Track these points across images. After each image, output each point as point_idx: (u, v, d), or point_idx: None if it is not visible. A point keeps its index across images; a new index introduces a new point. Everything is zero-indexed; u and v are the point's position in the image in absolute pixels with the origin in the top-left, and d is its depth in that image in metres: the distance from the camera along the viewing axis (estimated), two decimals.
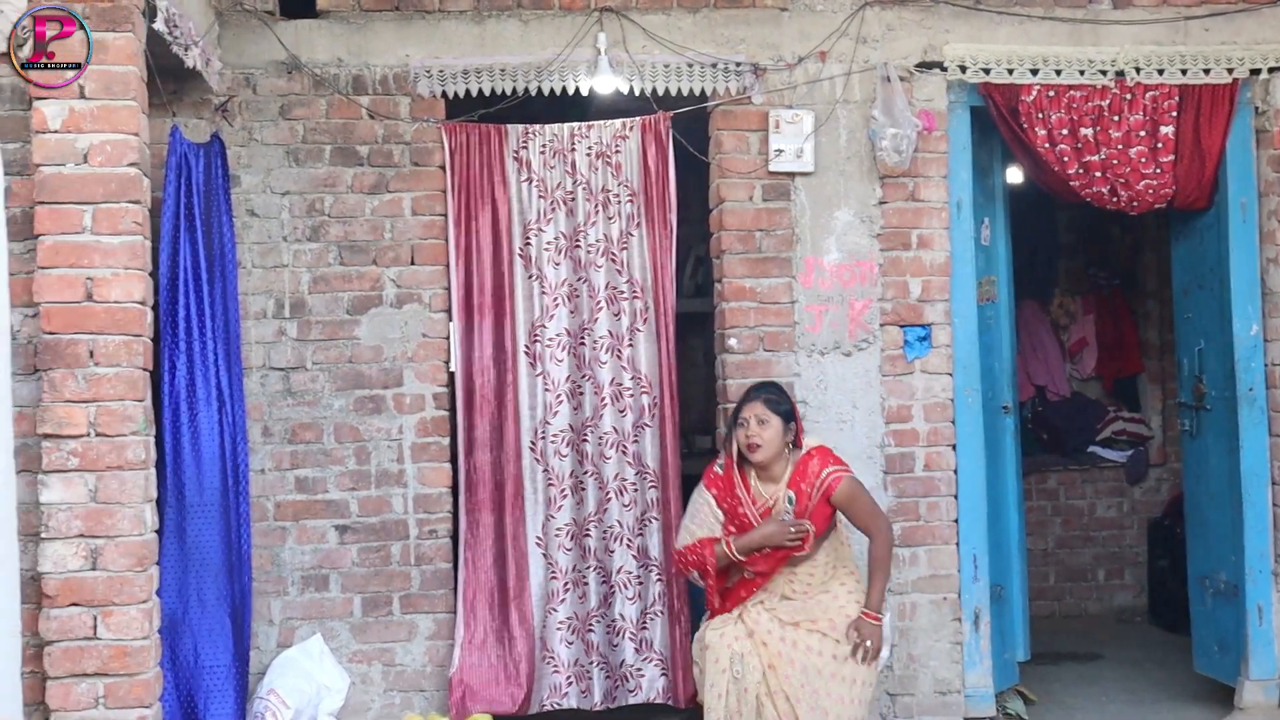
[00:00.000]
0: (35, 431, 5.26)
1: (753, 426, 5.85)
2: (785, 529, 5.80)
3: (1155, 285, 10.51)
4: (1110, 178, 6.90)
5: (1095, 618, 10.12)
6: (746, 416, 5.87)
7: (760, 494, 5.91)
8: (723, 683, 5.81)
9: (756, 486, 5.93)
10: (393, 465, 6.75)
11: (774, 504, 5.87)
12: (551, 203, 6.91)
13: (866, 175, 6.88)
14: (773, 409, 5.86)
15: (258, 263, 6.70)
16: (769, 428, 5.84)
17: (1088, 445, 10.40)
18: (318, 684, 6.47)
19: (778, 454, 5.87)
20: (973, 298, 7.04)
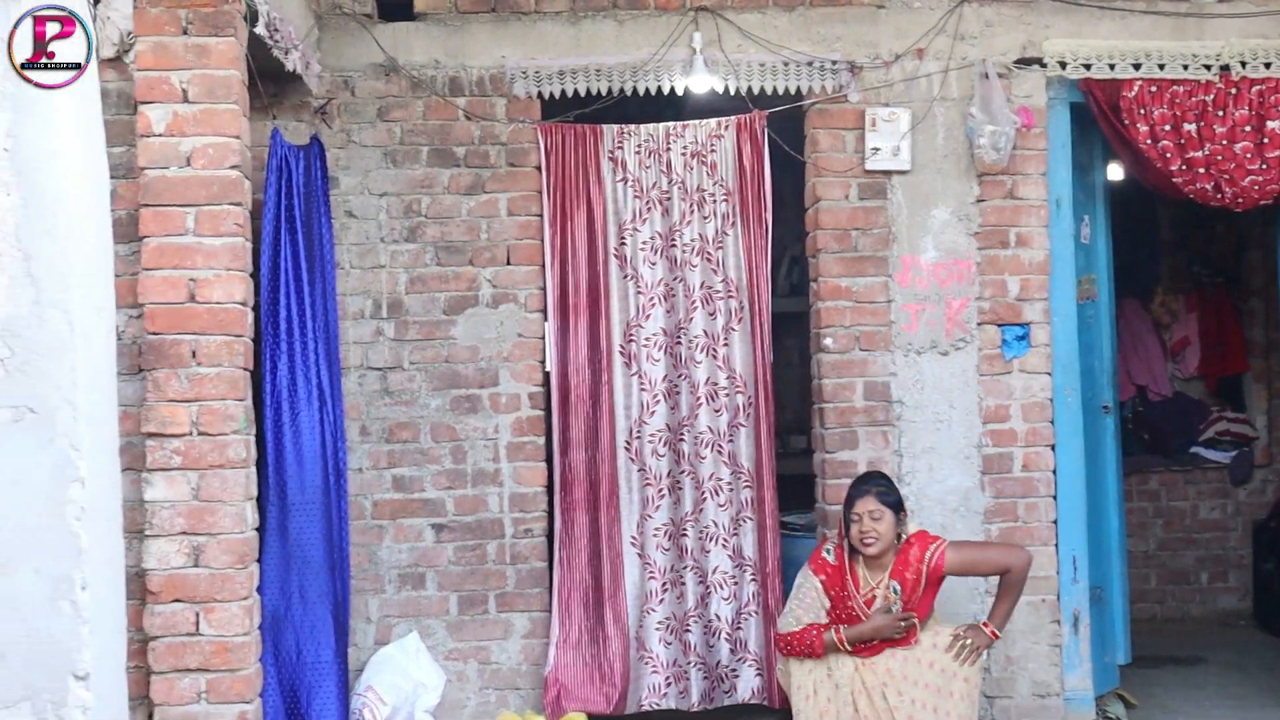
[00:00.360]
0: (139, 430, 5.33)
1: (867, 522, 5.92)
2: (894, 623, 5.87)
3: (1261, 283, 10.33)
4: (1214, 174, 6.79)
5: (1198, 621, 9.98)
6: (860, 512, 5.94)
7: (866, 582, 5.98)
8: (810, 683, 5.86)
9: (863, 575, 5.99)
10: (489, 464, 6.79)
11: (879, 593, 5.94)
12: (647, 202, 6.92)
13: (964, 173, 6.83)
14: (884, 501, 5.94)
15: (355, 263, 6.76)
16: (882, 522, 5.92)
17: (1190, 446, 10.26)
18: (414, 681, 6.52)
19: (889, 546, 5.95)
20: (1072, 296, 6.96)
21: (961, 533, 6.72)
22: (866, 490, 5.99)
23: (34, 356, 4.85)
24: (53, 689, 4.82)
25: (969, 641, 5.84)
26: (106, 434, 5.18)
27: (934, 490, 6.78)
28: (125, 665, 5.28)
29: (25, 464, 4.85)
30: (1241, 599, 10.05)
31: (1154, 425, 10.31)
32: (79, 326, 4.90)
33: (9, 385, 4.84)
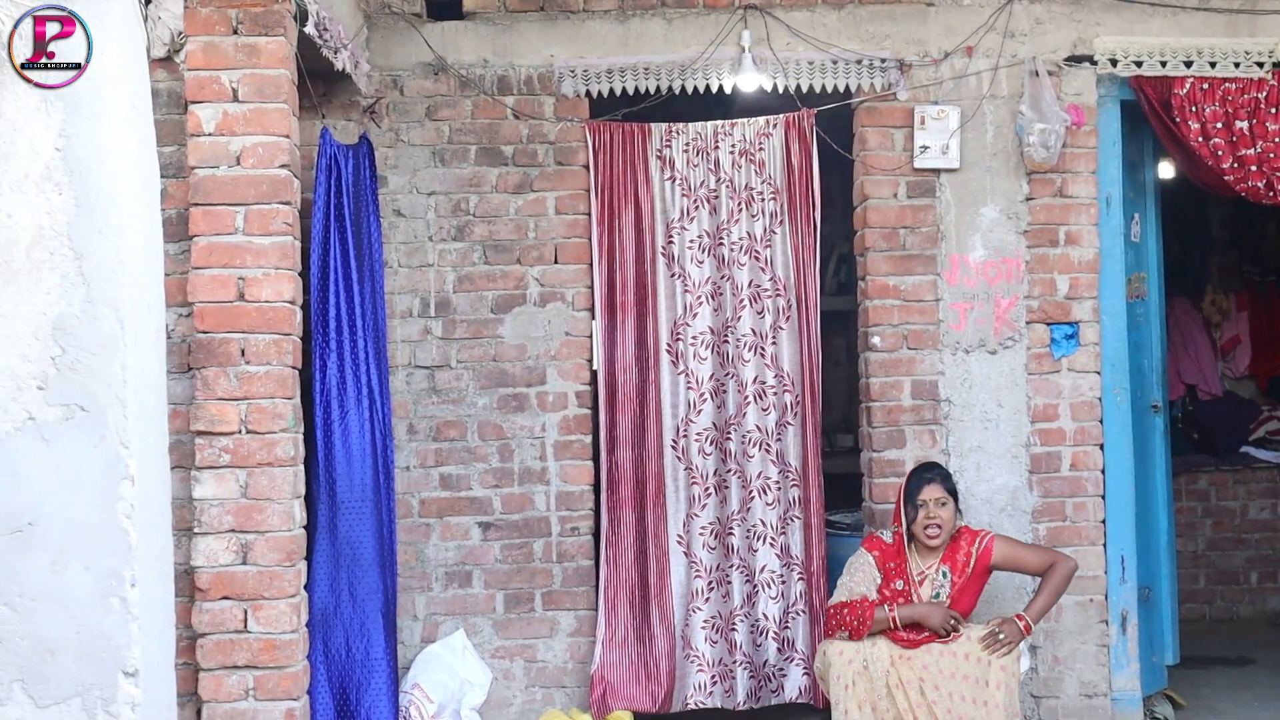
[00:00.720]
0: (189, 428, 5.36)
1: (933, 509, 6.03)
2: (945, 616, 5.90)
3: None
4: (1266, 171, 6.73)
5: (1247, 622, 9.90)
6: (926, 499, 6.03)
7: (918, 566, 6.07)
8: (849, 673, 5.87)
9: (915, 561, 6.08)
10: (535, 463, 6.80)
11: (930, 575, 6.04)
12: (694, 201, 6.91)
13: (1013, 171, 6.79)
14: (948, 489, 6.06)
15: (404, 262, 6.78)
16: (947, 509, 6.04)
17: (1240, 445, 10.18)
18: (460, 679, 6.54)
19: (950, 533, 6.06)
20: (1122, 295, 6.92)
21: (1009, 532, 6.68)
22: (932, 478, 6.09)
23: (85, 355, 4.88)
24: (103, 685, 4.85)
25: (1001, 634, 5.83)
26: (156, 432, 5.21)
27: (981, 489, 6.75)
28: (174, 662, 5.31)
29: (76, 461, 4.88)
30: None
31: (1203, 424, 10.25)
32: (129, 325, 4.94)
33: (60, 383, 4.88)
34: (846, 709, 5.86)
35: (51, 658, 4.85)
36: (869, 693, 5.85)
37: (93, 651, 4.86)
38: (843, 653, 5.90)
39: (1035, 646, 6.70)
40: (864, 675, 5.85)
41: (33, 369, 4.87)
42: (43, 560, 4.87)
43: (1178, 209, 9.00)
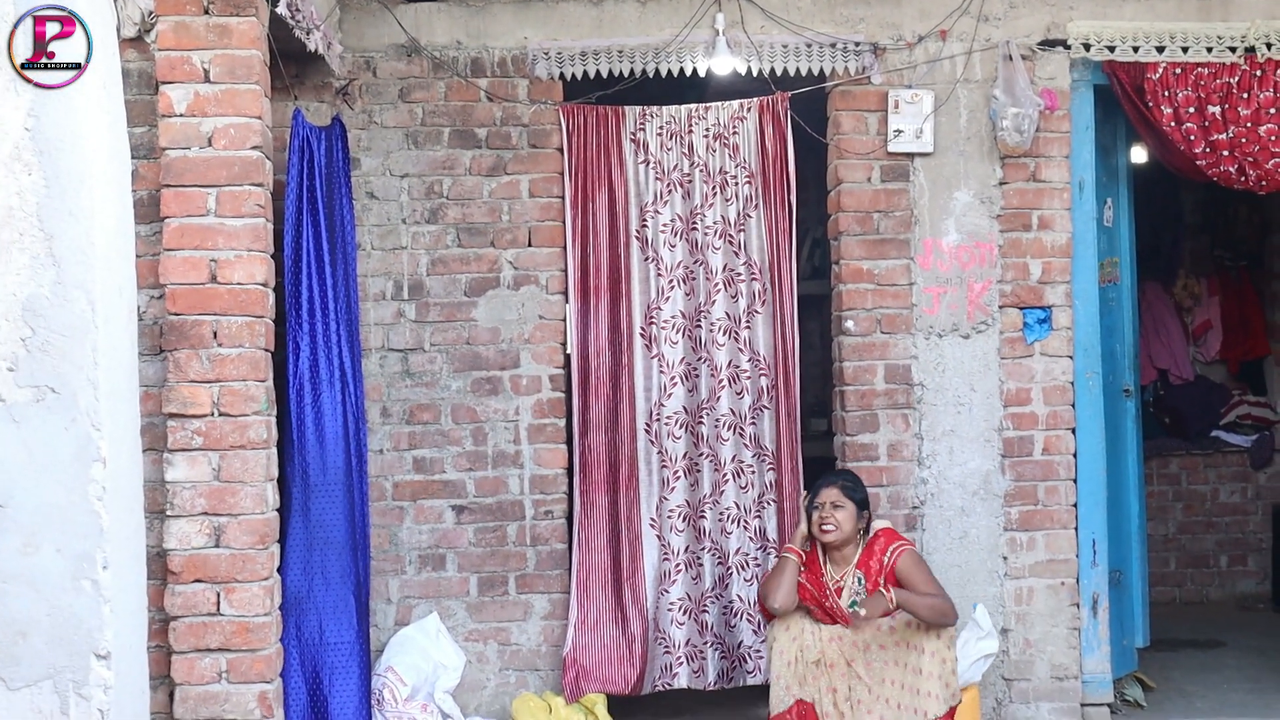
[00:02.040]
0: (161, 411, 5.35)
1: (827, 510, 6.10)
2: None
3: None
4: (1238, 156, 6.75)
5: (1217, 604, 9.97)
6: (822, 501, 6.12)
7: (831, 576, 6.14)
8: (793, 650, 6.02)
9: (828, 569, 6.15)
10: (509, 446, 6.79)
11: (846, 583, 6.10)
12: (668, 184, 6.91)
13: (987, 155, 6.80)
14: (848, 495, 6.12)
15: (377, 245, 6.76)
16: (842, 512, 6.09)
17: (1211, 429, 10.24)
18: (434, 662, 6.54)
19: (849, 538, 6.10)
20: (1094, 279, 6.94)
21: (982, 515, 6.73)
22: (832, 482, 6.18)
23: (55, 336, 4.86)
24: (74, 667, 4.84)
25: (861, 608, 5.93)
26: (128, 414, 5.19)
27: (954, 473, 6.77)
28: (146, 644, 5.31)
29: (47, 443, 4.87)
30: (1261, 583, 10.03)
31: (1175, 409, 10.29)
32: (100, 307, 4.92)
33: (31, 365, 4.86)
34: (787, 684, 6.01)
35: (23, 640, 4.84)
36: (804, 668, 5.98)
37: (64, 634, 4.85)
38: (788, 629, 6.04)
39: (1006, 630, 6.73)
40: (802, 652, 6.00)
41: (3, 350, 4.85)
42: (14, 542, 4.85)
43: (1150, 194, 9.02)
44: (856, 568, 6.09)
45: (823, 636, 6.01)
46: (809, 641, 6.00)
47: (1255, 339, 10.45)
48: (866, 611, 5.89)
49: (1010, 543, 6.75)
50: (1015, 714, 6.74)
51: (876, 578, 6.04)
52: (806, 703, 5.97)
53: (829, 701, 5.96)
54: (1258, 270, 10.52)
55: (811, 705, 5.97)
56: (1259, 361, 10.52)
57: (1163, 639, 8.26)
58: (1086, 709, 6.82)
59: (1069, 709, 6.74)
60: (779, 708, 6.00)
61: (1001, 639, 6.69)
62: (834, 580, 6.11)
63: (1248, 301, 10.46)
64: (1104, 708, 6.89)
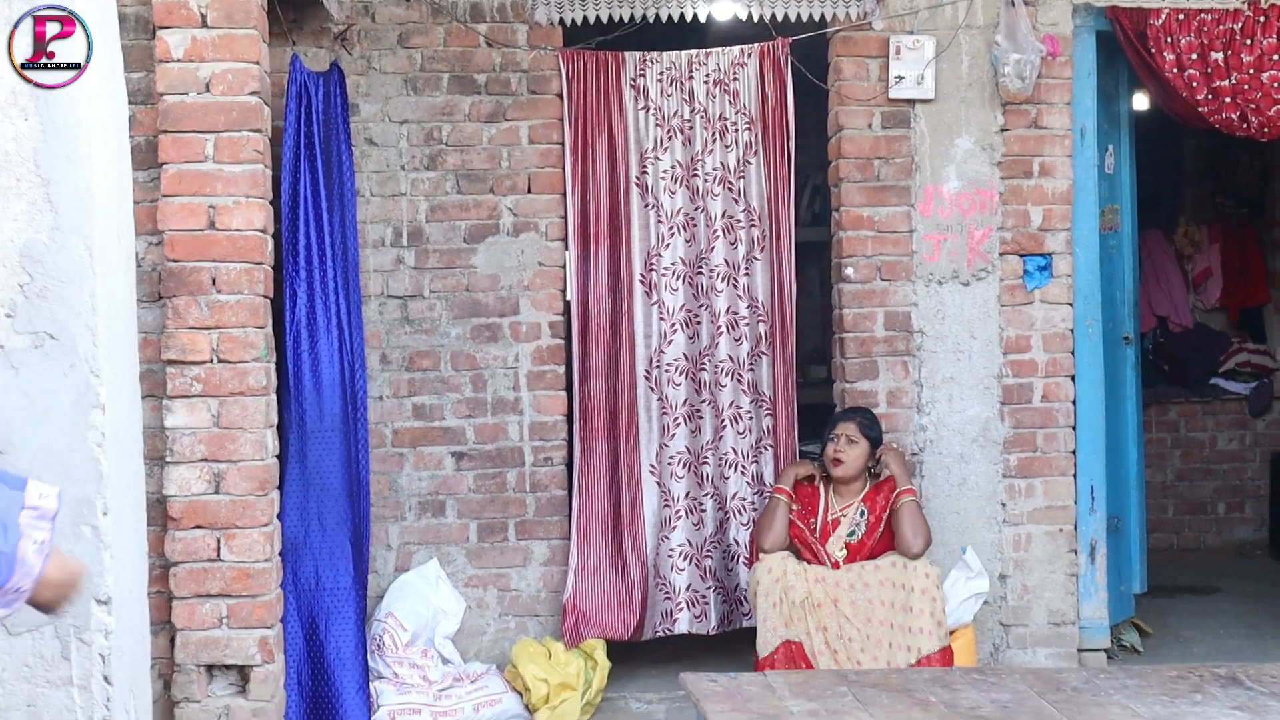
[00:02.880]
0: (160, 357, 5.35)
1: (841, 444, 6.29)
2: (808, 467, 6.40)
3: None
4: (1240, 103, 6.73)
5: (1214, 551, 10.01)
6: (838, 434, 6.30)
7: (833, 506, 6.30)
8: (776, 591, 6.09)
9: (831, 499, 6.31)
10: (509, 393, 6.80)
11: (847, 515, 6.25)
12: (668, 131, 6.88)
13: (988, 102, 6.77)
14: (864, 432, 6.32)
15: (376, 191, 6.74)
16: (856, 448, 6.28)
17: (1210, 377, 10.25)
18: (434, 608, 6.56)
19: (858, 474, 6.28)
20: (1095, 226, 6.93)
21: (981, 462, 6.75)
22: (850, 417, 6.37)
23: (53, 283, 4.85)
24: (75, 613, 4.85)
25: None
26: (126, 360, 5.19)
27: (953, 420, 6.77)
28: (147, 590, 5.32)
29: (46, 389, 4.86)
30: (1258, 529, 10.08)
31: (1174, 356, 10.30)
32: (98, 253, 4.90)
33: (29, 311, 4.85)
34: (774, 626, 6.07)
35: None
36: (790, 609, 6.04)
37: None
38: (770, 570, 6.11)
39: (1004, 576, 6.75)
40: (785, 593, 6.06)
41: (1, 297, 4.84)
42: None
43: (1151, 141, 9.00)
44: (862, 502, 6.20)
45: (809, 577, 6.07)
46: (793, 582, 6.05)
47: (1255, 286, 10.45)
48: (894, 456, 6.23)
49: (1009, 489, 6.76)
50: (1012, 659, 6.77)
51: (881, 514, 6.16)
52: (794, 643, 6.02)
53: (819, 640, 6.01)
54: (1258, 217, 10.51)
55: (800, 645, 6.01)
56: (1259, 309, 10.52)
57: (1160, 585, 8.30)
58: (1083, 654, 6.85)
59: (1066, 654, 6.78)
60: (766, 649, 6.05)
61: (999, 585, 6.72)
62: (835, 510, 6.21)
63: (1248, 249, 10.45)
64: (1101, 653, 6.92)
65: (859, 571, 6.06)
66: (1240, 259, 10.44)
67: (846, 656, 5.97)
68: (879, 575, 6.02)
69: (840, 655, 5.98)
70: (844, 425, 6.32)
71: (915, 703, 4.22)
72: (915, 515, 6.09)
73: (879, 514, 6.15)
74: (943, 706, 4.18)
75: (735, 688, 4.37)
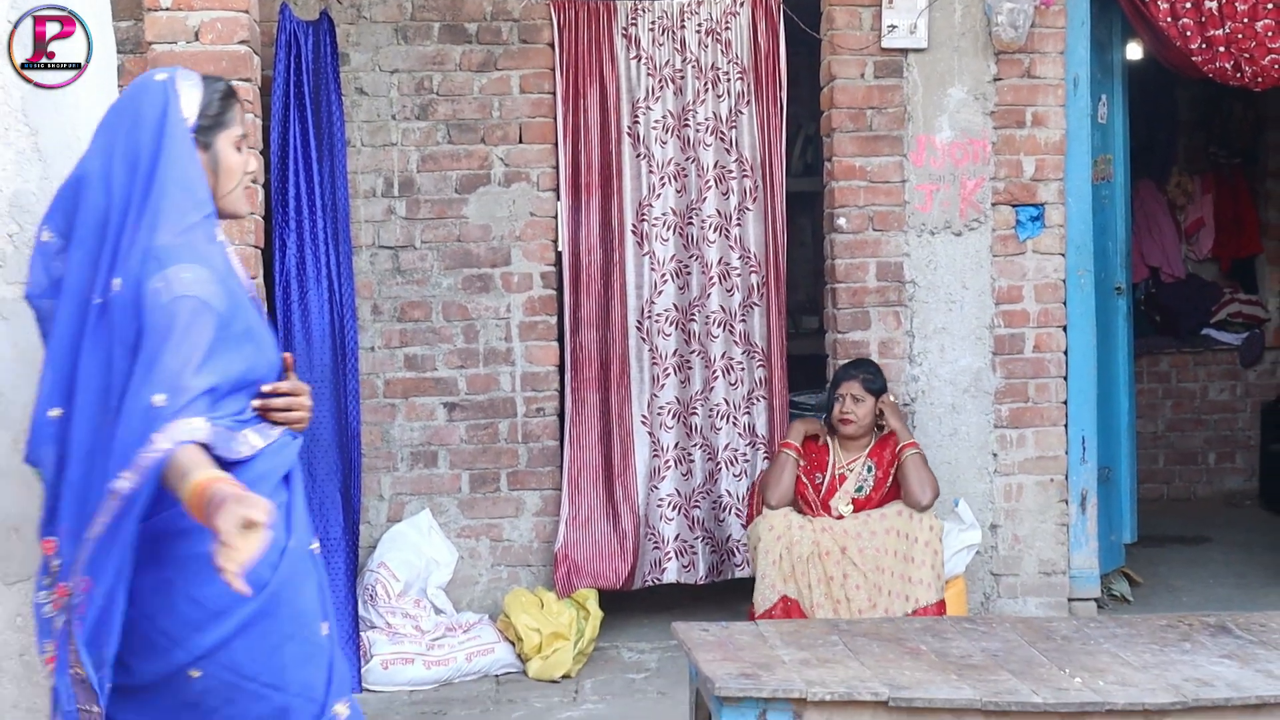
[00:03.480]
0: None
1: (848, 403, 6.22)
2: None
3: (1278, 164, 10.26)
4: (1234, 53, 6.70)
5: (1204, 501, 10.04)
6: (844, 393, 6.24)
7: (840, 461, 6.26)
8: (777, 548, 6.06)
9: (838, 454, 6.28)
10: (500, 344, 6.79)
11: (853, 469, 6.23)
12: (660, 80, 6.86)
13: (981, 51, 6.74)
14: (868, 388, 6.25)
15: (366, 141, 6.71)
16: (863, 406, 6.22)
17: (1202, 327, 10.26)
18: (427, 558, 6.58)
19: (866, 430, 6.25)
20: (1088, 177, 6.91)
21: (972, 412, 6.75)
22: (853, 375, 6.28)
23: None
24: None
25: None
26: None
27: (945, 371, 6.78)
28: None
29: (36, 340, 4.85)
30: (1248, 479, 10.11)
31: (1166, 307, 10.30)
32: None
33: (19, 261, 4.82)
34: (772, 582, 6.05)
35: (16, 535, 4.83)
36: (793, 564, 6.02)
37: None
38: (772, 528, 6.07)
39: (995, 526, 6.77)
40: (789, 549, 6.03)
41: None
42: (5, 438, 4.84)
43: (1145, 90, 8.97)
44: (869, 457, 6.20)
45: (815, 527, 6.05)
46: (797, 536, 6.04)
47: (1247, 237, 10.44)
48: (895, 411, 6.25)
49: (1000, 440, 6.78)
50: (1003, 608, 6.80)
51: (888, 469, 6.16)
52: (791, 599, 6.03)
53: (821, 592, 6.00)
54: (1251, 168, 10.49)
55: (797, 601, 6.02)
56: (1251, 259, 10.52)
57: (1150, 535, 8.33)
58: (1074, 603, 6.88)
59: (1056, 603, 6.80)
60: (764, 605, 6.05)
61: (990, 535, 6.74)
62: (841, 465, 6.22)
63: (1241, 199, 10.43)
64: (1091, 602, 6.95)
65: (865, 520, 6.05)
66: (1233, 209, 10.43)
67: (849, 606, 5.96)
68: (885, 524, 6.02)
69: (843, 606, 5.97)
70: (848, 384, 6.25)
71: (906, 651, 4.24)
72: (921, 468, 6.08)
73: (886, 469, 6.15)
74: (933, 655, 4.20)
75: (727, 637, 4.39)
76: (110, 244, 3.35)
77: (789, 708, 3.85)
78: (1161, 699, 3.82)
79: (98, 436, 3.29)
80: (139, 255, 3.28)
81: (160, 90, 3.44)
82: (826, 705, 3.83)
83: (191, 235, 3.33)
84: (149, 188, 3.33)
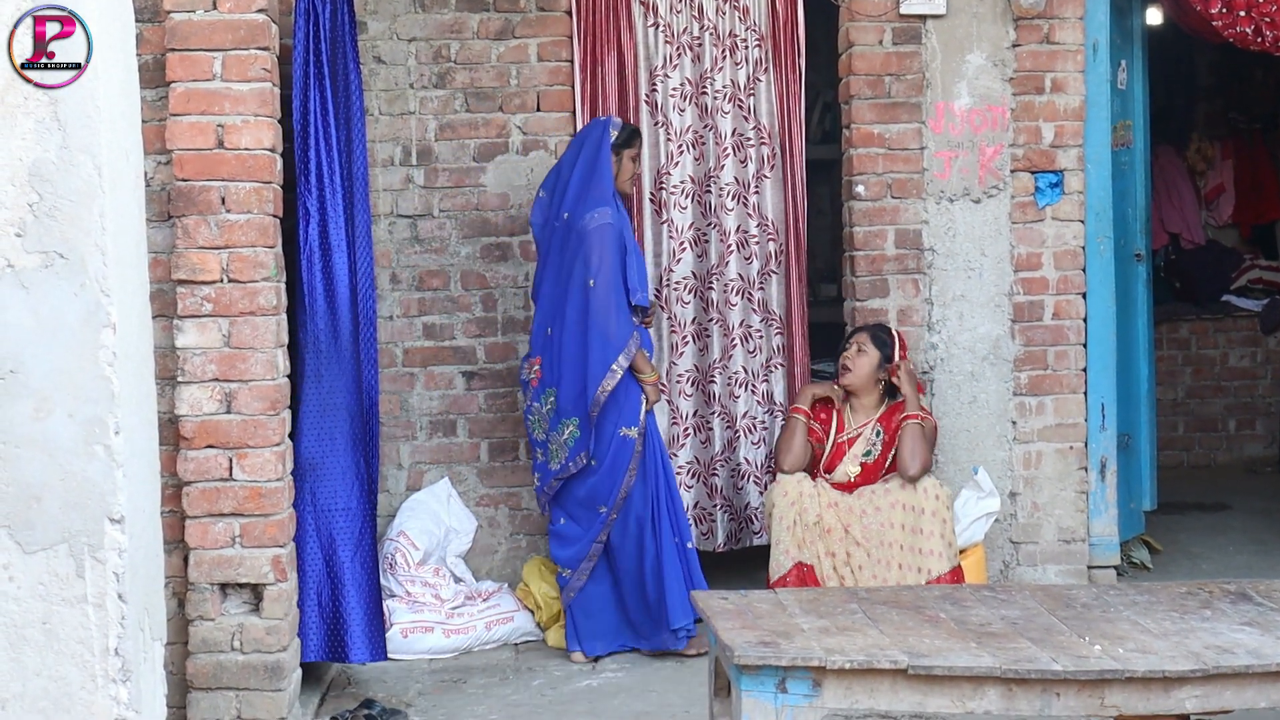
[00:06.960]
0: (170, 277, 5.34)
1: (851, 352, 6.29)
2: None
3: None
4: (1255, 17, 6.67)
5: (1224, 468, 10.03)
6: (851, 343, 6.33)
7: (850, 424, 6.33)
8: (791, 514, 6.11)
9: (849, 417, 6.36)
10: (519, 312, 6.79)
11: (864, 433, 6.29)
12: (678, 48, 6.83)
13: (1000, 17, 6.70)
14: (875, 343, 6.30)
15: (384, 110, 6.70)
16: (864, 358, 6.28)
17: (1222, 294, 10.23)
18: (446, 527, 6.60)
19: (865, 385, 6.28)
20: (1107, 143, 6.88)
21: (991, 380, 6.74)
22: (865, 329, 6.39)
23: (63, 202, 4.83)
24: (89, 531, 4.87)
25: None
26: (137, 280, 5.17)
27: (964, 338, 6.76)
28: (159, 509, 5.34)
29: (56, 309, 4.85)
30: (1268, 446, 10.10)
31: (1186, 273, 10.27)
32: (107, 172, 4.88)
33: (39, 230, 4.83)
34: (786, 548, 6.10)
35: (37, 504, 4.86)
36: (804, 530, 6.09)
37: (78, 498, 4.88)
38: (786, 493, 6.13)
39: (1014, 493, 6.76)
40: (800, 515, 6.09)
41: (10, 215, 4.82)
42: (26, 407, 4.86)
43: (1164, 56, 8.93)
44: (878, 422, 6.25)
45: (822, 501, 6.09)
46: (807, 505, 6.07)
47: (1268, 202, 10.41)
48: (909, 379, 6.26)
49: (1019, 407, 6.76)
50: (1022, 576, 6.80)
51: (894, 435, 6.19)
52: (806, 565, 6.05)
53: (828, 565, 6.04)
54: (1272, 133, 10.45)
55: (811, 568, 6.04)
56: (1271, 225, 10.50)
57: (1170, 502, 8.32)
58: (1093, 571, 6.88)
59: (1076, 571, 6.80)
60: (779, 571, 6.08)
61: (1009, 502, 6.73)
62: (851, 429, 6.27)
63: (1261, 165, 10.40)
64: (1110, 570, 6.95)
65: (870, 496, 6.07)
66: (1253, 175, 10.39)
67: (854, 583, 5.99)
68: (889, 498, 6.04)
69: (847, 582, 6.01)
70: (857, 336, 6.33)
71: (925, 619, 4.24)
72: (916, 439, 6.08)
73: (892, 435, 6.17)
74: (952, 623, 4.20)
75: (746, 605, 4.39)
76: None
77: (808, 676, 3.86)
78: (1182, 666, 3.82)
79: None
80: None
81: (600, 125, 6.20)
82: (846, 674, 3.85)
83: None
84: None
